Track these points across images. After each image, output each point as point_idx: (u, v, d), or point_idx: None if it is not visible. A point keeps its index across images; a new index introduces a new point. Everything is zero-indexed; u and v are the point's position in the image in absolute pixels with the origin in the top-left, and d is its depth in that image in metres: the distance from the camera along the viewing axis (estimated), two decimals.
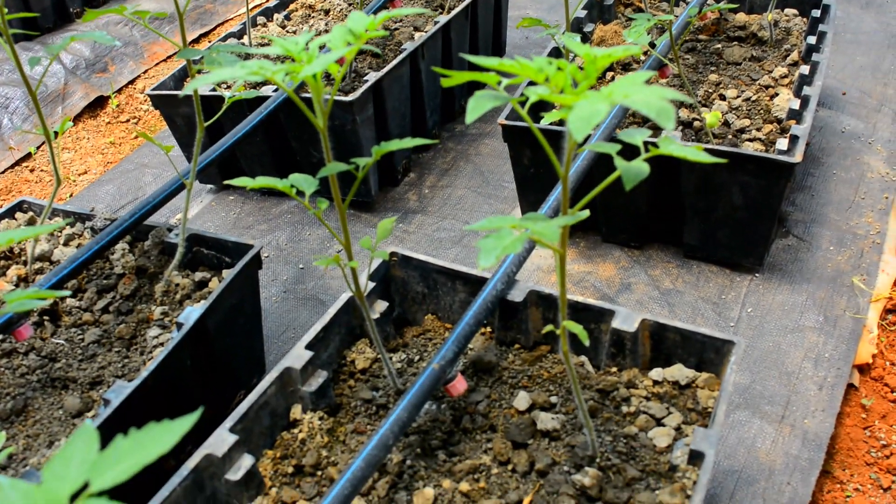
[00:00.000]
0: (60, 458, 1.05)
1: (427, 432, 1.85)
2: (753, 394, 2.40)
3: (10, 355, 2.17)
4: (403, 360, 2.06)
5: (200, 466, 1.68)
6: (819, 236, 2.96)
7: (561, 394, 1.92)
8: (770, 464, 2.21)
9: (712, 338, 1.89)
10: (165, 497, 1.61)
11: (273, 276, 2.98)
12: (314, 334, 1.93)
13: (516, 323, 2.04)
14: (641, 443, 1.78)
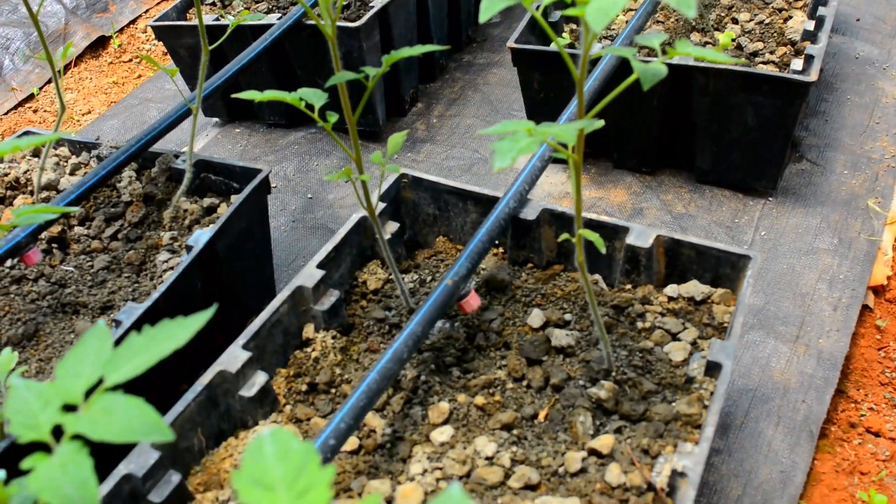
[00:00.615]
0: (73, 356, 1.04)
1: (441, 349, 1.84)
2: (768, 315, 2.38)
3: (19, 282, 2.16)
4: (415, 280, 2.05)
5: (214, 382, 1.67)
6: (833, 160, 2.92)
7: (575, 311, 1.90)
8: (785, 382, 2.20)
9: (728, 252, 1.87)
10: (180, 412, 1.61)
11: (282, 206, 2.96)
12: (325, 254, 1.91)
13: (529, 242, 2.02)
14: (657, 357, 1.77)
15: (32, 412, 1.01)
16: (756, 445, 2.06)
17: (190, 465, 1.65)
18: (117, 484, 1.50)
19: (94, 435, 0.93)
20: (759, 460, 2.03)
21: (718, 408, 1.54)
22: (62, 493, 0.90)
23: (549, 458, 1.59)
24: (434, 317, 1.67)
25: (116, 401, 0.96)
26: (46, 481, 0.91)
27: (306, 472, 0.74)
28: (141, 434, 0.93)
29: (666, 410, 1.65)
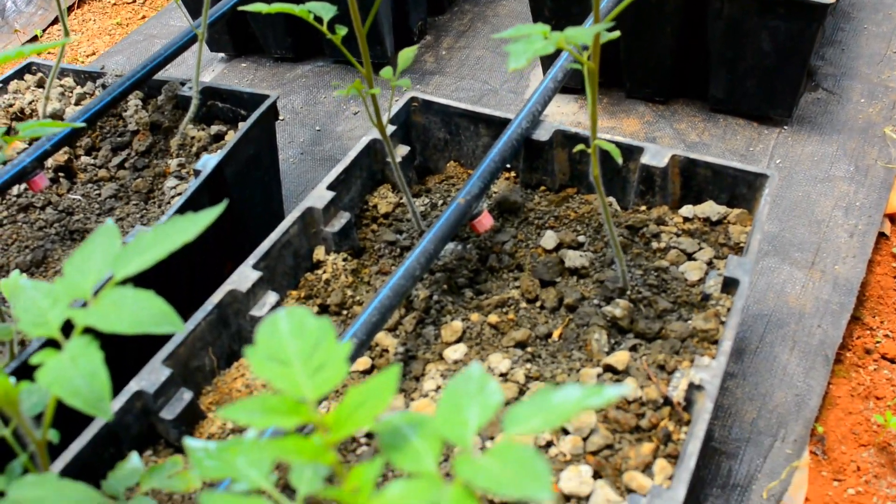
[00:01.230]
0: (81, 254, 1.02)
1: (453, 270, 1.81)
2: (783, 241, 2.35)
3: (26, 210, 2.14)
4: (426, 204, 2.02)
5: (224, 302, 1.65)
6: (850, 89, 2.87)
7: (589, 233, 1.88)
8: (800, 308, 2.17)
9: (745, 172, 1.83)
10: (191, 331, 1.59)
11: (289, 139, 2.93)
12: (335, 175, 1.89)
13: (542, 164, 1.99)
14: (672, 276, 1.75)
15: (41, 310, 0.99)
16: (771, 369, 2.04)
17: (202, 384, 1.64)
18: (129, 400, 1.49)
19: (104, 327, 0.91)
20: (773, 384, 2.01)
21: (736, 322, 1.52)
22: (72, 386, 0.88)
23: (564, 375, 1.58)
24: (446, 235, 1.65)
25: (126, 294, 0.94)
26: (56, 374, 0.89)
27: (322, 347, 0.72)
28: (151, 325, 0.91)
29: (682, 328, 1.63)
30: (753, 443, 1.90)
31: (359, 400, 0.69)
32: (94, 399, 0.88)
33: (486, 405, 0.70)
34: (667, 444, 1.46)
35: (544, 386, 1.54)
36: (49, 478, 0.98)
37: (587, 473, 1.39)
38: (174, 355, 1.55)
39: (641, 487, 1.38)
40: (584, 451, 1.44)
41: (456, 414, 0.70)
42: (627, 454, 1.44)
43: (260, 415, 0.68)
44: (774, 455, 1.88)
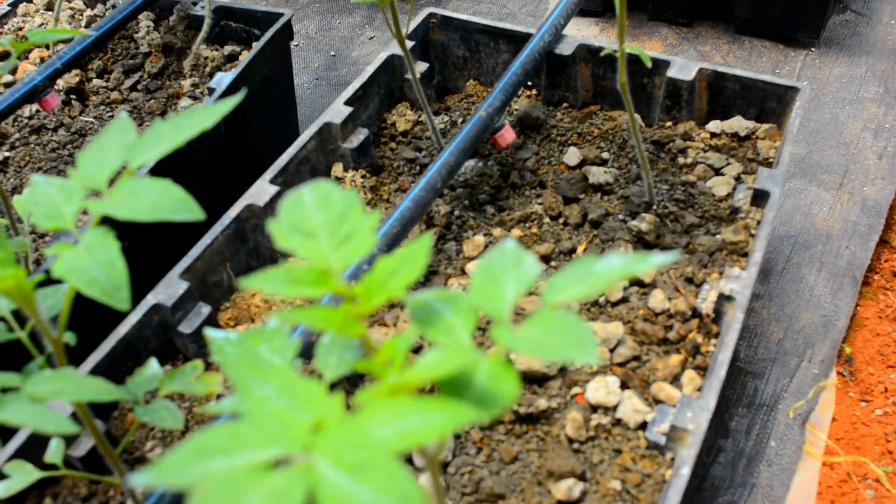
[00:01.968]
0: (95, 146, 0.98)
1: (474, 186, 1.77)
2: (810, 163, 2.30)
3: (39, 132, 2.10)
4: (446, 122, 1.97)
5: (242, 216, 1.62)
6: (879, 10, 2.79)
7: (613, 150, 1.83)
8: (827, 229, 2.13)
9: (775, 85, 1.78)
10: (208, 245, 1.56)
11: (304, 65, 2.87)
12: (353, 91, 1.84)
13: (564, 80, 1.93)
14: (700, 191, 1.70)
15: (55, 203, 0.96)
16: (798, 290, 2.00)
17: (220, 300, 1.62)
18: (146, 314, 1.46)
19: (120, 214, 0.87)
20: (800, 305, 1.97)
21: (766, 234, 1.48)
22: (88, 275, 0.85)
23: None
24: (468, 148, 1.60)
25: (142, 183, 0.90)
26: (72, 265, 0.86)
27: (349, 218, 0.68)
28: (169, 211, 0.87)
29: (710, 242, 1.59)
30: (780, 363, 1.87)
31: (390, 269, 0.65)
32: (111, 288, 0.85)
33: (523, 278, 0.66)
34: (695, 356, 1.42)
35: None
36: (67, 372, 0.95)
37: (614, 384, 1.36)
38: (191, 269, 1.53)
39: (670, 398, 1.35)
40: (611, 363, 1.42)
41: (492, 286, 0.66)
42: (655, 366, 1.41)
43: (285, 284, 0.65)
44: (801, 375, 1.85)
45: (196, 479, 0.50)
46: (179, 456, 0.52)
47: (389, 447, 0.51)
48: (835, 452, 1.73)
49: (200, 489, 0.49)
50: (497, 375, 0.60)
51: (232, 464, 0.51)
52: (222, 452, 0.52)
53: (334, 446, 0.51)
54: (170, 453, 0.52)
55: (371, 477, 0.49)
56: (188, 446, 0.52)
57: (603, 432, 1.34)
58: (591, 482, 1.30)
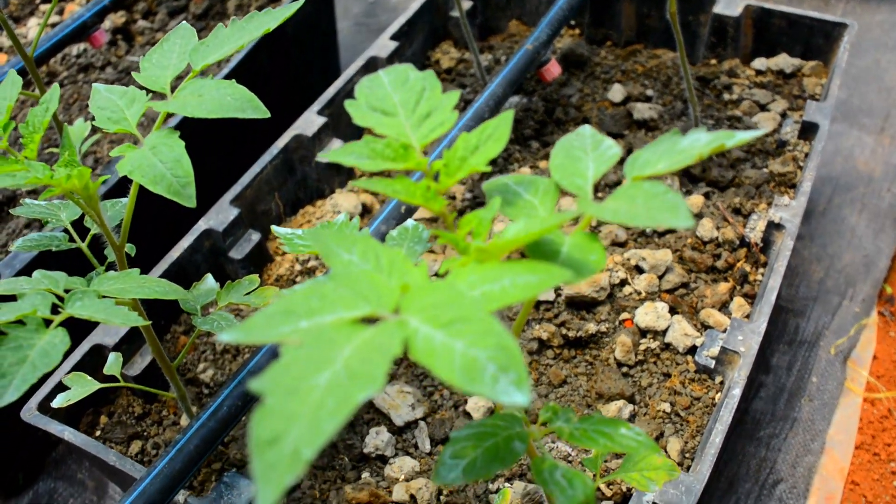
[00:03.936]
0: (157, 51, 1.00)
1: (520, 122, 1.78)
2: (851, 107, 2.28)
3: (86, 70, 2.12)
4: (490, 60, 1.98)
5: (290, 147, 1.63)
6: None
7: (657, 87, 1.83)
8: (869, 172, 2.12)
9: (822, 21, 1.77)
10: (257, 174, 1.58)
11: (344, 12, 2.87)
12: (398, 27, 1.84)
13: (608, 18, 1.93)
14: (745, 125, 1.70)
15: (118, 108, 0.97)
16: (839, 231, 2.00)
17: (268, 229, 1.63)
18: (197, 239, 1.48)
19: (185, 112, 0.89)
20: (842, 245, 1.97)
21: (815, 165, 1.48)
22: (154, 173, 0.87)
23: None
24: (514, 80, 1.60)
25: (206, 83, 0.92)
26: (136, 163, 0.88)
27: (427, 97, 0.69)
28: (235, 109, 0.89)
29: (756, 175, 1.59)
30: (821, 301, 1.87)
31: (472, 144, 0.66)
32: (178, 185, 0.87)
33: (604, 157, 0.68)
34: (743, 284, 1.43)
35: (616, 228, 1.52)
36: (131, 273, 0.97)
37: (663, 309, 1.38)
38: (241, 197, 1.54)
39: (718, 324, 1.36)
40: (660, 290, 1.43)
41: (572, 165, 0.67)
42: (703, 293, 1.42)
43: (367, 158, 0.66)
44: (842, 314, 1.85)
45: (284, 336, 0.51)
46: (266, 315, 0.52)
47: (482, 304, 0.52)
48: (876, 389, 1.74)
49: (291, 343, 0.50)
50: (583, 245, 0.61)
51: (322, 322, 0.52)
52: (310, 313, 0.52)
53: (425, 305, 0.52)
54: (255, 315, 0.53)
55: (464, 331, 0.49)
56: (275, 307, 0.53)
57: (652, 356, 1.35)
58: (639, 405, 1.31)
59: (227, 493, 1.15)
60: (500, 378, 0.47)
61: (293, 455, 0.44)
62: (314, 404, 0.46)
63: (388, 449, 1.27)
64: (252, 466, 0.44)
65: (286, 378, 0.48)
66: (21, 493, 1.71)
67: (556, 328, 1.38)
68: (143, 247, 1.24)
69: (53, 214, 1.14)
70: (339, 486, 1.24)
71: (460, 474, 0.61)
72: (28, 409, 1.27)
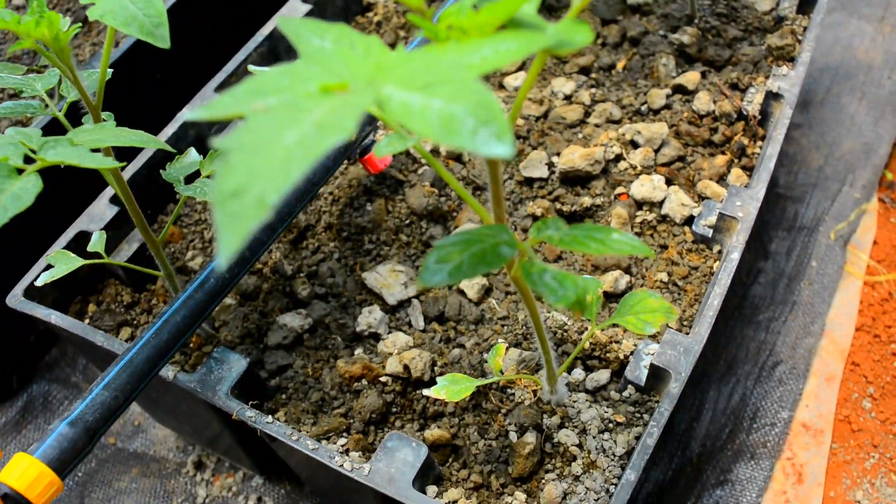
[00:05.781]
0: None
1: None
2: None
3: None
4: None
5: (275, 34, 1.58)
6: None
7: None
8: (869, 61, 2.08)
9: None
10: (242, 61, 1.53)
11: None
12: None
13: None
14: (742, 4, 1.65)
15: None
16: (838, 119, 1.96)
17: None
18: (181, 127, 1.45)
19: None
20: (841, 133, 1.94)
21: (814, 36, 1.44)
22: (125, 14, 0.83)
23: (631, 98, 1.51)
24: None
25: None
26: (108, 6, 0.84)
27: None
28: None
29: (754, 52, 1.55)
30: (821, 188, 1.84)
31: None
32: (150, 25, 0.84)
33: None
34: (741, 157, 1.40)
35: (611, 106, 1.48)
36: (106, 125, 0.94)
37: (659, 181, 1.34)
38: (226, 84, 1.50)
39: (716, 195, 1.33)
40: (656, 163, 1.39)
41: None
42: (701, 166, 1.38)
43: None
44: (842, 199, 1.82)
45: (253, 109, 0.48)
46: (233, 94, 0.50)
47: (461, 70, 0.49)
48: (876, 272, 1.72)
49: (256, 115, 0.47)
50: (570, 28, 0.58)
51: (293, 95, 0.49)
52: (279, 90, 0.49)
53: (401, 74, 0.49)
54: (222, 95, 0.50)
55: (442, 91, 0.47)
56: (243, 86, 0.50)
57: (648, 228, 1.33)
58: (636, 276, 1.29)
59: (217, 367, 1.13)
60: (479, 130, 0.44)
61: (257, 202, 0.41)
62: (281, 157, 0.43)
63: (381, 327, 1.25)
64: (214, 218, 0.42)
65: (253, 137, 0.45)
66: (15, 395, 1.70)
67: (551, 203, 1.35)
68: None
69: (29, 85, 1.10)
70: (332, 365, 1.23)
71: (445, 276, 0.59)
72: (14, 295, 1.25)
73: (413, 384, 1.17)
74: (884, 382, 1.58)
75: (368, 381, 1.18)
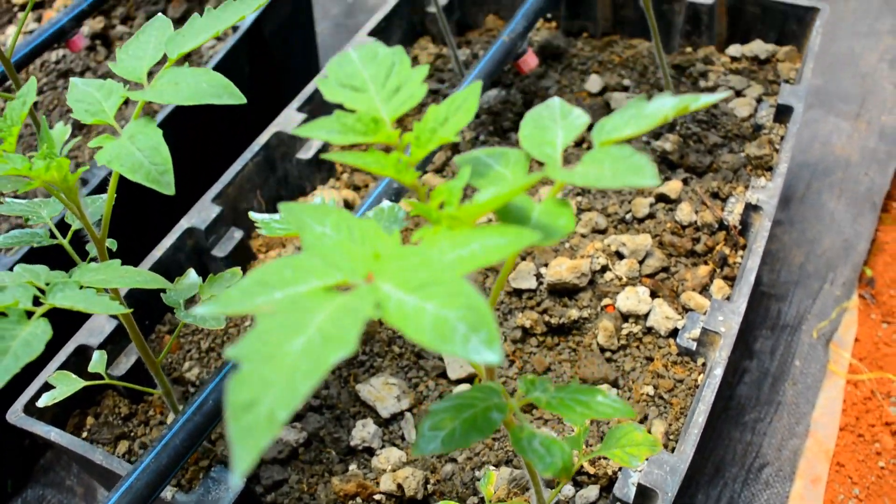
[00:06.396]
0: (133, 43, 1.00)
1: (498, 114, 1.79)
2: (827, 93, 2.30)
3: (66, 75, 2.12)
4: (467, 55, 1.99)
5: (271, 143, 1.64)
6: None
7: (633, 77, 1.84)
8: (846, 157, 2.14)
9: (794, 6, 1.78)
10: (238, 171, 1.58)
11: (323, 13, 2.87)
12: (376, 23, 1.85)
13: (584, 10, 1.94)
14: (722, 112, 1.71)
15: (95, 100, 0.98)
16: (818, 216, 2.02)
17: (251, 227, 1.63)
18: (180, 237, 1.49)
19: (162, 100, 0.90)
20: (821, 230, 1.99)
21: (790, 146, 1.50)
22: (133, 161, 0.87)
23: (616, 206, 1.56)
24: (492, 71, 1.61)
25: (182, 71, 0.92)
26: (115, 152, 0.88)
27: (397, 71, 0.70)
28: (211, 96, 0.89)
29: (734, 159, 1.60)
30: (802, 285, 1.89)
31: (441, 116, 0.67)
32: (156, 173, 0.88)
33: (572, 126, 0.69)
34: (723, 267, 1.44)
35: (596, 215, 1.53)
36: (112, 264, 0.98)
37: (644, 294, 1.39)
38: (223, 194, 1.55)
39: (699, 306, 1.37)
40: (640, 274, 1.43)
41: (541, 134, 0.68)
42: (684, 276, 1.43)
43: (337, 133, 0.67)
44: (824, 297, 1.87)
45: (260, 307, 0.51)
46: (241, 288, 0.53)
47: (453, 268, 0.53)
48: (858, 371, 1.76)
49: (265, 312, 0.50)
50: (553, 211, 0.62)
51: (296, 291, 0.52)
52: (284, 283, 0.53)
53: (396, 270, 0.53)
54: (231, 288, 0.53)
55: (435, 293, 0.50)
56: (249, 278, 0.53)
57: (634, 341, 1.36)
58: (623, 389, 1.32)
59: (215, 488, 1.16)
60: (470, 337, 0.48)
61: (269, 417, 0.45)
62: (289, 368, 0.46)
63: (374, 441, 1.28)
64: (228, 431, 0.45)
65: (261, 345, 0.48)
66: (10, 499, 1.71)
67: (539, 315, 1.39)
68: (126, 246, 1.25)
69: (34, 212, 1.14)
70: (327, 480, 1.25)
71: (439, 445, 0.62)
72: (14, 411, 1.27)
73: (407, 503, 1.20)
74: (869, 483, 1.61)
75: (363, 500, 1.20)
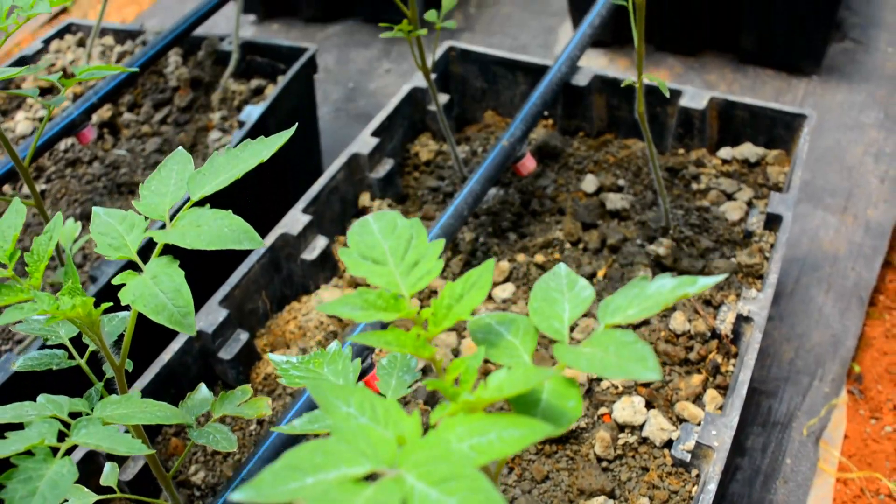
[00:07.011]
0: (156, 178, 1.05)
1: (497, 214, 1.84)
2: (815, 188, 2.37)
3: (74, 164, 2.18)
4: (467, 151, 2.05)
5: (276, 245, 1.69)
6: (876, 38, 2.88)
7: (628, 177, 1.90)
8: (834, 251, 2.20)
9: (783, 112, 1.85)
10: (244, 273, 1.63)
11: (324, 97, 2.95)
12: (379, 122, 1.91)
13: (580, 110, 2.01)
14: (714, 215, 1.77)
15: (118, 234, 1.02)
16: (807, 311, 2.07)
17: (255, 327, 1.68)
18: (188, 341, 1.53)
19: (184, 244, 0.94)
20: (810, 325, 2.04)
21: (780, 256, 1.55)
22: (156, 302, 0.92)
23: None
24: (492, 176, 1.67)
25: (204, 213, 0.97)
26: (138, 292, 0.93)
27: (414, 246, 0.75)
28: (232, 241, 0.94)
29: (726, 265, 1.66)
30: (792, 382, 1.93)
31: (456, 293, 0.72)
32: (178, 315, 0.92)
33: (578, 300, 0.73)
34: (715, 375, 1.49)
35: (593, 322, 1.58)
36: (132, 398, 1.02)
37: (640, 404, 1.43)
38: (229, 297, 1.59)
39: (693, 417, 1.42)
40: (636, 384, 1.48)
41: (549, 308, 0.73)
42: (678, 385, 1.47)
43: (361, 310, 0.71)
44: (813, 394, 1.91)
45: (292, 494, 0.55)
46: (274, 473, 0.57)
47: (471, 461, 0.58)
48: (848, 469, 1.80)
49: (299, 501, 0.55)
50: (561, 393, 0.66)
51: (326, 478, 0.57)
52: (315, 469, 0.57)
53: (419, 461, 0.57)
54: (263, 472, 0.57)
55: (456, 488, 0.54)
56: (281, 462, 0.58)
57: (630, 451, 1.40)
58: (620, 499, 1.36)
59: None
60: None
61: None
62: None
63: None
64: None
65: None
66: None
67: None
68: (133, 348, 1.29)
69: (52, 332, 1.18)
70: None
71: None
72: None
73: None
74: None
75: None
